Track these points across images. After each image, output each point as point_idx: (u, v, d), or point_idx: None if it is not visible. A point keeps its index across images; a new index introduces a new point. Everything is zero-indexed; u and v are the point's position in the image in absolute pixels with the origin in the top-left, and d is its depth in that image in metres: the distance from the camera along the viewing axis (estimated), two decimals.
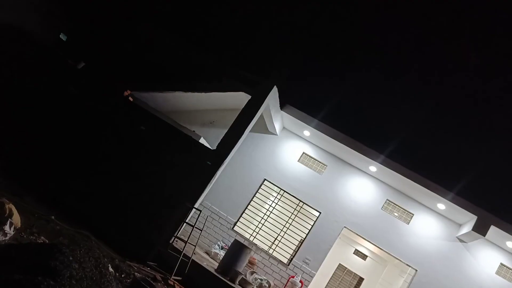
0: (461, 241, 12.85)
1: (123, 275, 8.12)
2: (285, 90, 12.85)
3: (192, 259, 10.26)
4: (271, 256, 13.41)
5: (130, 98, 12.10)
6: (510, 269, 12.61)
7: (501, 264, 12.65)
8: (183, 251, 9.81)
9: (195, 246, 10.62)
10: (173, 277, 9.51)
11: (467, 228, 12.04)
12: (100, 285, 5.25)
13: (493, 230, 11.70)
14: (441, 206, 12.65)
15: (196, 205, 10.87)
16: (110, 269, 7.87)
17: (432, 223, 13.18)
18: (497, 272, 12.58)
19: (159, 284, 8.83)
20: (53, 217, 9.01)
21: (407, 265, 13.31)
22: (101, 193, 10.63)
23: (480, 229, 11.56)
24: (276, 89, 11.75)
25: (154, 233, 10.15)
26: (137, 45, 13.48)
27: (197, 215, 10.65)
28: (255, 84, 11.50)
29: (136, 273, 8.28)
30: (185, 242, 9.94)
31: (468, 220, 12.26)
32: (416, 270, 12.86)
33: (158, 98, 13.15)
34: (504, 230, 11.65)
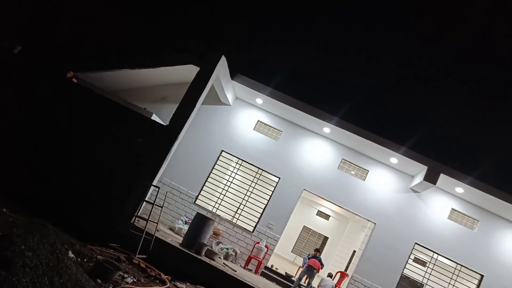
0: (414, 191, 13.47)
1: (85, 259, 8.03)
2: (234, 60, 12.76)
3: (155, 237, 10.26)
4: (235, 225, 13.60)
5: (74, 80, 11.66)
6: (460, 213, 13.37)
7: (452, 209, 13.39)
8: (145, 230, 9.79)
9: (157, 223, 10.61)
10: (137, 256, 9.50)
11: (419, 179, 12.60)
12: (58, 270, 5.17)
13: (442, 178, 12.31)
14: (393, 160, 13.14)
15: (155, 182, 10.80)
16: (71, 254, 7.77)
17: (386, 177, 13.70)
18: (449, 217, 13.32)
19: (123, 264, 8.80)
20: (4, 209, 8.70)
21: (366, 219, 13.85)
22: (55, 179, 10.33)
23: (431, 178, 12.13)
24: (225, 59, 11.64)
25: (114, 215, 10.02)
26: (77, 23, 12.91)
27: (156, 193, 10.58)
28: (203, 56, 11.33)
29: (98, 256, 8.20)
30: (147, 221, 9.91)
31: (420, 171, 12.82)
32: (375, 223, 13.42)
33: (104, 78, 12.74)
34: (452, 177, 12.28)
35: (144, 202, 10.70)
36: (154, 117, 11.59)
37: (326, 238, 23.56)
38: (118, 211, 10.07)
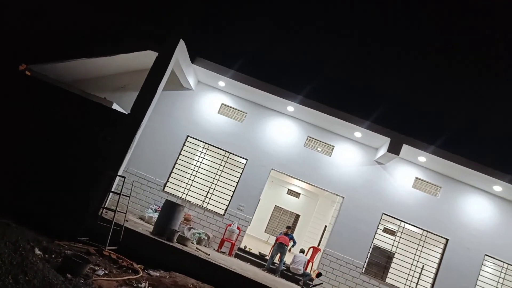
0: (379, 163, 13.79)
1: (52, 256, 7.87)
2: (193, 43, 12.58)
3: (125, 227, 10.15)
4: (206, 209, 13.60)
5: (27, 72, 11.21)
6: (424, 181, 13.81)
7: (416, 178, 13.81)
8: (114, 221, 9.66)
9: (125, 213, 10.49)
10: (107, 247, 9.38)
11: (383, 151, 12.89)
12: (22, 268, 5.04)
13: (405, 149, 12.65)
14: (357, 134, 13.38)
15: (120, 172, 10.62)
16: (37, 251, 7.60)
17: (352, 152, 13.95)
18: (414, 186, 13.74)
19: (93, 257, 8.67)
20: None
21: (335, 194, 14.12)
22: (17, 177, 10.01)
23: (394, 149, 12.45)
24: (183, 43, 11.45)
25: (81, 208, 9.82)
26: (27, 13, 12.36)
27: (122, 183, 10.41)
28: (161, 40, 11.10)
29: (66, 251, 8.04)
30: (114, 211, 9.77)
31: (383, 143, 13.12)
32: (343, 197, 13.70)
33: (59, 69, 12.31)
34: (414, 147, 12.63)
35: (111, 193, 10.53)
36: (115, 106, 11.34)
37: (298, 216, 23.93)
38: (84, 204, 9.87)
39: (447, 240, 13.45)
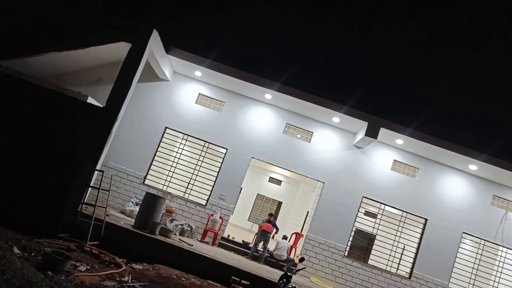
0: (358, 147, 13.93)
1: (32, 254, 7.77)
2: (168, 33, 12.41)
3: (106, 221, 10.08)
4: (187, 200, 13.57)
5: None
6: (402, 163, 14.03)
7: (394, 160, 14.01)
8: (94, 216, 9.57)
9: (106, 208, 10.40)
10: (88, 243, 9.30)
11: (361, 135, 13.02)
12: (0, 267, 4.96)
13: (383, 132, 12.79)
14: (336, 119, 13.47)
15: (98, 167, 10.50)
16: (16, 250, 7.49)
17: (330, 137, 14.05)
18: (392, 168, 13.95)
19: (74, 253, 8.60)
20: None
21: (315, 180, 14.24)
22: None
23: (372, 133, 12.58)
24: (157, 33, 11.29)
25: (60, 204, 9.68)
26: None
27: (100, 177, 10.29)
28: (134, 31, 10.92)
29: (46, 248, 7.94)
30: (94, 206, 9.68)
31: (361, 128, 13.24)
32: (324, 183, 13.82)
33: (31, 64, 12.01)
34: (392, 130, 12.79)
35: (90, 188, 10.41)
36: (90, 100, 11.13)
37: (280, 203, 24.10)
38: (63, 200, 9.74)
39: (426, 220, 13.73)
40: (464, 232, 13.71)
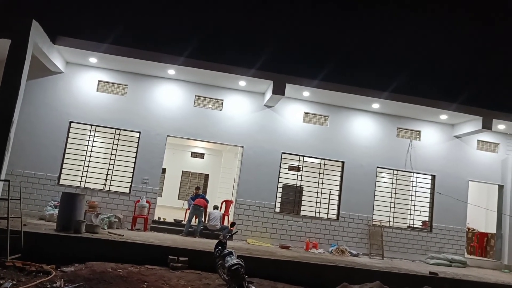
0: (268, 107, 14.23)
1: None
2: (51, 22, 11.58)
3: (25, 231, 9.50)
4: (109, 192, 13.16)
5: None
6: (312, 114, 14.60)
7: (305, 112, 14.54)
8: (9, 228, 8.96)
9: (21, 217, 9.77)
10: (9, 258, 8.74)
11: (269, 94, 13.28)
12: None
13: (289, 88, 13.13)
14: (242, 83, 13.58)
15: (3, 177, 9.80)
16: None
17: (241, 101, 14.19)
18: (304, 120, 14.49)
19: None
20: None
21: (235, 146, 14.44)
22: None
23: (279, 90, 12.88)
24: (37, 23, 10.47)
25: None
26: None
27: (7, 187, 9.59)
28: (11, 26, 10.02)
29: None
30: (7, 219, 9.05)
31: (268, 87, 13.48)
32: (243, 147, 14.04)
33: None
34: (297, 84, 13.18)
35: None
36: None
37: (207, 176, 24.22)
38: None
39: (343, 163, 14.56)
40: (378, 167, 14.75)
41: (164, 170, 20.39)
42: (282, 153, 14.18)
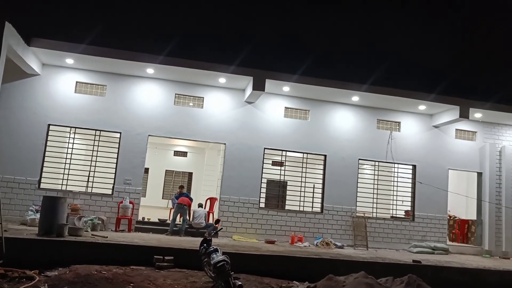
0: (249, 103, 14.23)
1: None
2: (26, 23, 11.39)
3: (6, 237, 9.34)
4: (92, 194, 13.02)
5: None
6: (293, 108, 14.65)
7: (286, 107, 14.59)
8: None
9: (1, 223, 9.59)
10: None
11: (249, 90, 13.29)
12: None
13: (269, 83, 13.15)
14: (222, 80, 13.55)
15: None
16: None
17: (221, 98, 14.16)
18: (285, 115, 14.54)
19: None
20: None
21: (217, 143, 14.41)
22: None
23: (259, 86, 12.89)
24: (10, 25, 10.27)
25: None
26: None
27: None
28: None
29: None
30: None
31: (248, 83, 13.49)
32: (225, 144, 14.03)
33: None
34: (277, 79, 13.21)
35: None
36: None
37: (191, 174, 24.13)
38: None
39: (325, 156, 14.67)
40: (360, 159, 14.92)
41: (147, 170, 20.25)
42: (265, 148, 14.22)
